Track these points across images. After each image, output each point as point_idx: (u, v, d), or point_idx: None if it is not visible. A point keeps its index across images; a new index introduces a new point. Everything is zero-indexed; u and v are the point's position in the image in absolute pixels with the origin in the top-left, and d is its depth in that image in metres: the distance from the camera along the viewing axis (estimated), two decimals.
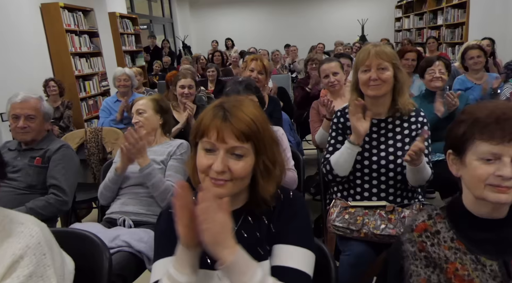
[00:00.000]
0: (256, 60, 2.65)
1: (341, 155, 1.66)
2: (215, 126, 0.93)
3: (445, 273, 0.95)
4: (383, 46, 1.66)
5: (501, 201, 0.91)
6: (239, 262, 0.87)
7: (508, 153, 0.89)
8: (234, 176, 0.94)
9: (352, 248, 1.61)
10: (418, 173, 1.57)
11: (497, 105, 0.95)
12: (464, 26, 6.96)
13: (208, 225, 0.84)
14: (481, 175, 0.91)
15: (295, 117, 3.81)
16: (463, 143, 0.96)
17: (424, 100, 2.66)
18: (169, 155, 1.98)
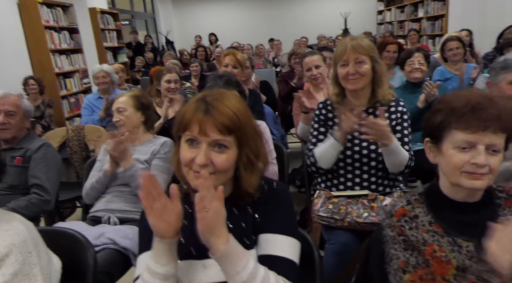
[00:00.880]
0: (229, 55, 2.66)
1: (326, 150, 1.68)
2: (197, 119, 0.94)
3: (423, 255, 0.98)
4: (360, 39, 1.68)
5: (475, 187, 0.95)
6: (233, 251, 0.88)
7: (483, 141, 0.92)
8: (217, 169, 0.95)
9: (336, 237, 1.64)
10: (392, 156, 1.59)
11: (473, 94, 0.98)
12: (444, 18, 7.08)
13: (204, 213, 0.85)
14: (457, 162, 0.95)
15: (279, 110, 3.83)
16: (440, 132, 0.99)
17: (404, 91, 2.72)
18: (153, 154, 1.96)
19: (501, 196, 1.03)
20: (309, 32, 9.26)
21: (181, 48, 8.28)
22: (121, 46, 7.37)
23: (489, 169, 0.93)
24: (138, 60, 7.11)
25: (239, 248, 0.90)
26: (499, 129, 0.92)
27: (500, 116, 0.92)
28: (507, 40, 2.65)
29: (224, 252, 0.87)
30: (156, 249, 0.93)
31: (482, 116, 0.92)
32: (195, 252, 1.00)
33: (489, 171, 0.93)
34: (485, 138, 0.92)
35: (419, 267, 0.97)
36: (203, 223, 0.86)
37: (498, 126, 0.92)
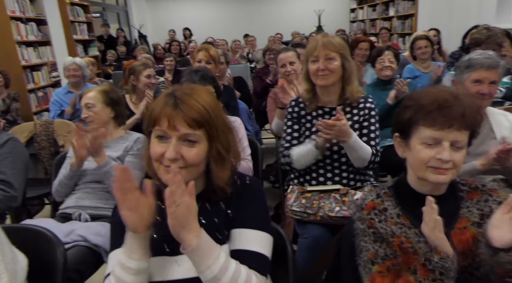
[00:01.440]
0: (203, 50, 2.64)
1: (304, 155, 1.69)
2: (166, 114, 0.94)
3: (391, 246, 1.01)
4: (331, 36, 1.72)
5: (439, 181, 0.99)
6: (204, 245, 0.88)
7: (448, 138, 0.97)
8: (187, 163, 0.95)
9: (309, 231, 1.67)
10: (353, 151, 1.63)
11: (440, 91, 1.02)
12: (414, 17, 7.27)
13: (175, 208, 0.85)
14: (423, 158, 0.99)
15: (254, 106, 3.84)
16: (408, 128, 1.03)
17: (375, 88, 2.79)
18: (125, 151, 1.92)
19: (464, 189, 1.08)
20: (283, 28, 9.30)
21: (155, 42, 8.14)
22: (92, 39, 7.17)
23: (453, 164, 0.98)
24: (109, 54, 6.95)
25: (210, 242, 0.91)
26: (463, 126, 0.97)
27: (464, 114, 0.96)
28: (474, 40, 2.74)
29: (195, 246, 0.87)
30: (129, 244, 0.92)
31: (448, 114, 0.96)
32: (168, 248, 1.00)
33: (453, 166, 0.98)
34: (450, 135, 0.97)
35: (388, 258, 1.01)
36: (173, 218, 0.86)
37: (462, 123, 0.96)
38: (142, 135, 1.99)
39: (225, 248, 1.00)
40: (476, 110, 1.00)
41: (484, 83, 1.64)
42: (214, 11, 11.92)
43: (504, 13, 4.90)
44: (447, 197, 1.05)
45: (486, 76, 1.64)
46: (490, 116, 1.72)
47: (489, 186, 1.08)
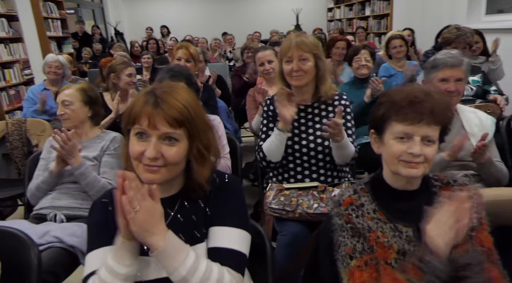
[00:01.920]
0: (182, 48, 2.62)
1: (272, 142, 1.71)
2: (146, 112, 0.93)
3: (368, 241, 1.04)
4: (304, 36, 1.73)
5: (411, 175, 1.02)
6: (169, 248, 0.88)
7: (419, 133, 1.00)
8: (167, 162, 0.94)
9: (288, 228, 1.68)
10: (341, 150, 1.66)
11: (413, 89, 1.06)
12: (389, 17, 7.40)
13: (134, 214, 0.85)
14: (396, 152, 1.02)
15: (233, 104, 3.84)
16: (382, 124, 1.07)
17: (352, 86, 2.83)
18: (102, 151, 1.89)
19: (437, 184, 1.12)
20: (262, 27, 9.31)
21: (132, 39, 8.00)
22: (66, 36, 6.99)
23: (424, 158, 1.01)
24: (85, 52, 6.78)
25: (178, 244, 0.91)
26: (433, 121, 1.00)
27: (433, 110, 1.00)
28: (445, 39, 2.83)
29: (161, 249, 0.87)
30: (120, 250, 0.91)
31: (418, 110, 1.00)
32: (147, 248, 0.99)
33: (424, 160, 1.01)
34: (421, 129, 1.00)
35: (365, 252, 1.03)
36: (134, 224, 0.85)
37: (431, 119, 1.00)
38: (118, 134, 1.96)
39: (202, 246, 1.00)
40: (446, 106, 1.04)
41: (450, 81, 1.71)
42: (192, 9, 11.82)
43: (474, 14, 5.05)
44: (421, 192, 1.09)
45: (451, 74, 1.70)
46: (461, 113, 1.78)
47: (460, 181, 1.12)
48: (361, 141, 2.50)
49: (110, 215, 0.98)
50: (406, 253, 1.00)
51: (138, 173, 0.96)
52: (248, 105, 2.77)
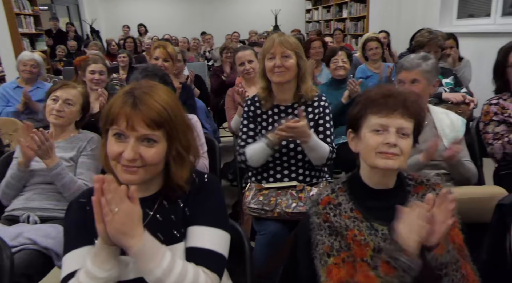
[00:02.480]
0: (160, 48, 2.60)
1: (257, 153, 1.72)
2: (125, 114, 0.92)
3: (345, 239, 1.06)
4: (287, 35, 1.77)
5: (388, 166, 1.06)
6: (145, 250, 0.88)
7: (394, 124, 1.05)
8: (146, 163, 0.94)
9: (267, 227, 1.70)
10: (312, 151, 1.68)
11: (387, 86, 1.12)
12: (365, 19, 7.55)
13: (112, 216, 0.84)
14: (372, 144, 1.07)
15: (211, 104, 3.83)
16: (358, 120, 1.12)
17: (330, 87, 2.88)
18: (79, 151, 1.85)
19: (411, 183, 1.15)
20: (240, 27, 9.33)
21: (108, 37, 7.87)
22: (40, 33, 6.80)
23: (400, 150, 1.05)
24: (59, 49, 6.62)
25: (154, 245, 0.91)
26: (406, 113, 1.06)
27: (405, 101, 1.06)
28: (418, 42, 2.92)
29: (137, 251, 0.87)
30: (99, 254, 0.89)
31: (390, 101, 1.06)
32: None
33: (400, 153, 1.05)
34: (395, 121, 1.05)
35: (342, 250, 1.05)
36: (112, 226, 0.85)
37: (405, 110, 1.06)
38: (96, 135, 1.93)
39: (180, 246, 1.00)
40: (417, 100, 1.10)
41: (405, 83, 1.79)
42: (170, 8, 11.71)
43: (446, 18, 5.22)
44: (396, 191, 1.12)
45: (406, 76, 1.79)
46: (433, 114, 1.84)
47: (433, 180, 1.16)
48: (338, 141, 2.54)
49: (88, 215, 0.97)
50: (381, 251, 1.02)
51: (117, 173, 0.95)
52: (227, 105, 2.77)
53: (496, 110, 1.99)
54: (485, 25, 4.56)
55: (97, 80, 2.72)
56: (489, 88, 2.16)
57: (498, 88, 2.09)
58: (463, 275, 1.00)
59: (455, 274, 0.98)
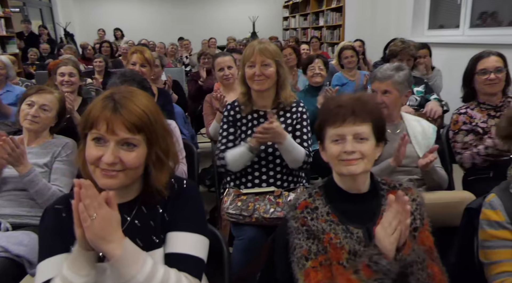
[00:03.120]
0: (137, 53, 2.59)
1: (238, 157, 1.74)
2: (105, 117, 0.92)
3: (322, 242, 1.08)
4: (267, 43, 1.80)
5: (351, 172, 1.10)
6: (127, 255, 0.88)
7: (348, 132, 1.11)
8: (126, 167, 0.94)
9: (245, 233, 1.71)
10: (288, 153, 1.71)
11: (344, 96, 1.17)
12: (341, 28, 7.71)
13: (91, 222, 0.84)
14: (333, 153, 1.12)
15: (189, 110, 3.82)
16: (321, 132, 1.17)
17: (307, 94, 2.94)
18: (53, 157, 1.81)
19: (384, 188, 1.20)
20: (218, 33, 9.34)
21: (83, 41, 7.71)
22: (11, 36, 6.61)
23: (360, 154, 1.10)
24: (31, 52, 6.44)
25: (135, 251, 0.90)
26: (357, 119, 1.10)
27: (354, 110, 1.11)
28: (391, 51, 3.02)
29: (117, 257, 0.87)
30: (77, 260, 0.88)
31: (341, 112, 1.11)
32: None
33: (361, 156, 1.10)
34: (349, 129, 1.10)
35: (319, 253, 1.08)
36: (90, 232, 0.84)
37: (355, 117, 1.10)
38: (71, 140, 1.90)
39: (159, 251, 1.00)
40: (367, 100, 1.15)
41: (378, 93, 1.84)
42: (147, 12, 11.62)
43: (418, 28, 5.40)
44: (370, 195, 1.16)
45: (378, 86, 1.85)
46: (406, 121, 1.90)
47: (405, 185, 1.21)
48: (315, 147, 2.57)
49: (65, 222, 0.96)
50: (356, 253, 1.05)
51: (95, 178, 0.95)
52: (205, 110, 2.77)
53: (465, 120, 2.07)
54: (455, 36, 4.74)
55: (66, 81, 2.67)
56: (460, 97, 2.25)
57: (465, 94, 2.17)
58: (429, 275, 1.03)
59: (420, 273, 1.01)
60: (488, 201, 1.24)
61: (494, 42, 3.85)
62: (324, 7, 8.65)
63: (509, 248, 1.16)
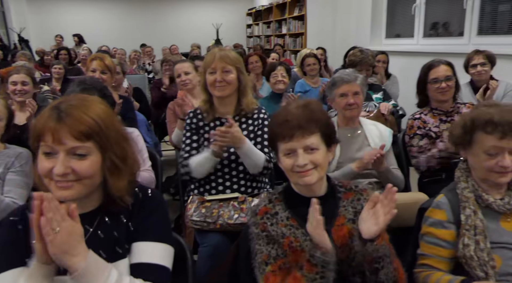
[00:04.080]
0: (97, 60, 2.54)
1: (203, 163, 1.74)
2: (49, 128, 0.90)
3: (282, 246, 1.11)
4: (228, 50, 1.83)
5: (306, 183, 1.14)
6: (91, 268, 0.86)
7: (299, 145, 1.13)
8: (80, 176, 0.92)
9: (209, 240, 1.71)
10: (247, 157, 1.73)
11: (291, 107, 1.18)
12: (303, 36, 7.88)
13: (54, 235, 0.82)
14: (287, 166, 1.15)
15: (153, 118, 3.77)
16: (274, 144, 1.19)
17: (270, 101, 2.99)
18: (6, 168, 1.73)
19: (341, 190, 1.24)
20: (182, 40, 9.31)
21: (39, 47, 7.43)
22: None
23: (313, 164, 1.13)
24: None
25: (99, 264, 0.89)
26: (305, 132, 1.13)
27: (300, 125, 1.13)
28: (351, 61, 3.13)
29: (81, 271, 0.85)
30: (36, 274, 0.86)
31: (287, 128, 1.13)
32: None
33: (314, 166, 1.13)
34: (299, 143, 1.13)
35: (279, 258, 1.10)
36: (53, 246, 0.83)
37: (302, 131, 1.13)
38: (25, 150, 1.82)
39: (124, 262, 0.99)
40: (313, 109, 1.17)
41: (349, 95, 1.91)
42: (108, 18, 11.37)
43: (376, 37, 5.63)
44: (327, 198, 1.20)
45: (349, 89, 1.91)
46: (364, 126, 1.98)
47: (361, 186, 1.26)
48: None
49: (20, 234, 0.93)
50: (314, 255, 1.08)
51: (51, 191, 0.92)
52: (168, 118, 2.75)
53: (419, 124, 2.18)
54: (410, 45, 4.98)
55: (19, 90, 2.57)
56: (416, 103, 2.36)
57: (420, 101, 2.29)
58: (395, 268, 1.09)
59: (389, 267, 1.07)
60: (437, 201, 1.32)
61: (445, 51, 4.08)
62: (287, 16, 8.81)
63: (439, 247, 1.26)
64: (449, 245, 1.25)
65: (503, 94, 2.92)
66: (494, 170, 1.21)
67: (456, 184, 1.32)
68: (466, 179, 1.30)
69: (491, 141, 1.19)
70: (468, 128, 1.23)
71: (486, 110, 1.22)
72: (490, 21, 3.92)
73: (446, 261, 1.26)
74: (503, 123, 1.16)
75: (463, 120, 1.27)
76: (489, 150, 1.20)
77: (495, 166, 1.20)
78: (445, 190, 1.34)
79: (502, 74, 3.06)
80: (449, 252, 1.25)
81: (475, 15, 3.98)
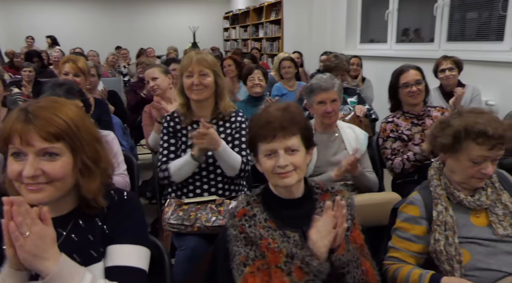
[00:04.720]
0: (69, 62, 2.50)
1: (183, 167, 1.74)
2: (16, 130, 0.89)
3: (260, 248, 1.12)
4: (205, 54, 1.83)
5: (286, 184, 1.15)
6: (63, 272, 0.85)
7: (280, 146, 1.15)
8: (51, 178, 0.91)
9: (187, 243, 1.70)
10: (224, 160, 1.74)
11: (272, 109, 1.20)
12: (280, 40, 7.96)
13: (23, 240, 0.81)
14: (268, 168, 1.16)
15: (128, 121, 3.72)
16: (254, 146, 1.20)
17: (247, 104, 3.00)
18: None
19: (318, 191, 1.27)
20: (158, 42, 9.23)
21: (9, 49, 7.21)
22: None
23: (293, 166, 1.15)
24: None
25: (72, 267, 0.88)
26: (287, 134, 1.15)
27: (283, 125, 1.15)
28: (326, 66, 3.19)
29: (53, 275, 0.84)
30: (8, 281, 0.85)
31: (270, 129, 1.14)
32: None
33: (294, 168, 1.15)
34: (280, 144, 1.14)
35: (257, 259, 1.11)
36: (23, 251, 0.81)
37: (283, 131, 1.14)
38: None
39: (99, 266, 0.98)
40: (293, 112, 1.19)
41: (327, 103, 1.93)
42: (82, 20, 11.14)
43: (350, 42, 5.75)
44: (305, 199, 1.22)
45: (327, 97, 1.93)
46: (341, 129, 2.02)
47: (336, 188, 1.29)
48: None
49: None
50: (294, 256, 1.10)
51: (23, 195, 0.90)
52: (144, 121, 2.73)
53: (392, 128, 2.25)
54: (383, 50, 5.12)
55: None
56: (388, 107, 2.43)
57: (392, 106, 2.36)
58: (363, 271, 1.12)
59: (356, 271, 1.10)
60: (411, 197, 1.37)
61: (417, 56, 4.21)
62: (264, 20, 8.88)
63: (410, 241, 1.32)
64: (420, 240, 1.30)
65: (470, 98, 3.05)
66: (475, 176, 1.26)
67: (429, 182, 1.37)
68: (439, 177, 1.35)
69: (480, 152, 1.22)
70: (460, 138, 1.24)
71: (475, 119, 1.23)
72: (459, 28, 4.08)
73: (416, 255, 1.31)
74: (496, 137, 1.19)
75: (453, 129, 1.26)
76: (476, 159, 1.23)
77: (477, 173, 1.25)
78: (419, 187, 1.40)
79: (470, 79, 3.19)
80: (419, 247, 1.30)
81: (444, 22, 4.13)
